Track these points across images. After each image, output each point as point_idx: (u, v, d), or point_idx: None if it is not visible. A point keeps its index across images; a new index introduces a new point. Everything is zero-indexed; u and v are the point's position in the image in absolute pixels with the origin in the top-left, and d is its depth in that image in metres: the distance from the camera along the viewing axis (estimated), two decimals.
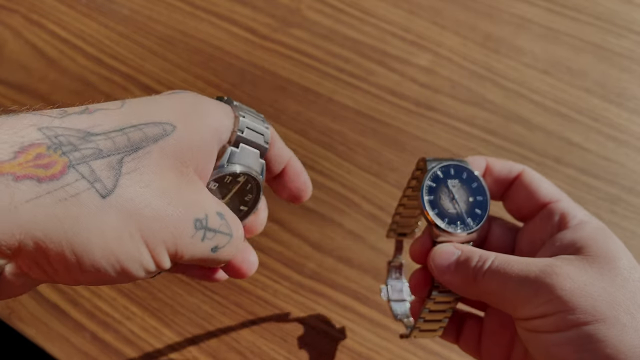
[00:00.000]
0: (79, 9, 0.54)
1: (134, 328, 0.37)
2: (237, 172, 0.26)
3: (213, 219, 0.24)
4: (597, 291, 0.24)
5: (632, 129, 0.48)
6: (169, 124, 0.23)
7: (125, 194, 0.21)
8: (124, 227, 0.20)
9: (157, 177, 0.22)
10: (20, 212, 0.19)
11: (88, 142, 0.21)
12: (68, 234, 0.19)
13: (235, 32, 0.52)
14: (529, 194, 0.29)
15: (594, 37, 0.53)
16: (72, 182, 0.20)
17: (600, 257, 0.25)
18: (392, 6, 0.55)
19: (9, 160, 0.19)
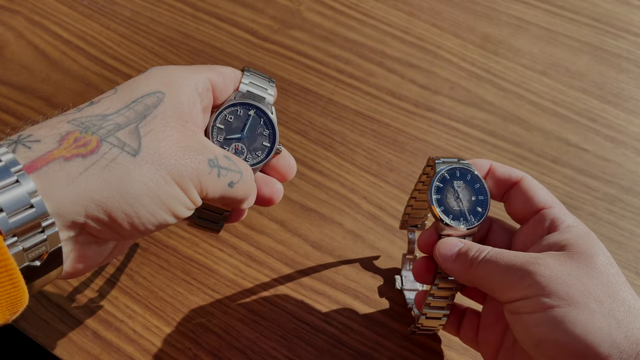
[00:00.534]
0: (80, 10, 0.54)
1: (136, 327, 0.38)
2: (241, 101, 0.32)
3: (222, 160, 0.29)
4: (572, 280, 0.27)
5: (630, 129, 0.48)
6: (159, 92, 0.28)
7: (149, 149, 0.26)
8: (158, 175, 0.26)
9: (167, 133, 0.27)
10: (78, 183, 0.24)
11: (107, 121, 0.26)
12: (119, 190, 0.24)
13: (236, 34, 0.53)
14: (526, 199, 0.32)
15: (592, 39, 0.53)
16: (107, 151, 0.25)
17: (580, 253, 0.28)
18: (391, 8, 0.55)
19: (56, 148, 0.24)
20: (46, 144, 0.24)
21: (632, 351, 0.26)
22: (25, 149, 0.24)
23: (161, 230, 0.37)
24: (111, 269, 0.40)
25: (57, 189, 0.23)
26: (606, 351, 0.26)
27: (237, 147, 0.32)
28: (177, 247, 0.41)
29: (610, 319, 0.26)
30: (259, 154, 0.32)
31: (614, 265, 0.29)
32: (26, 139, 0.24)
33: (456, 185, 0.33)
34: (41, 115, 0.47)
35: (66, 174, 0.23)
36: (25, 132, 0.25)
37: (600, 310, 0.26)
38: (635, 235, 0.43)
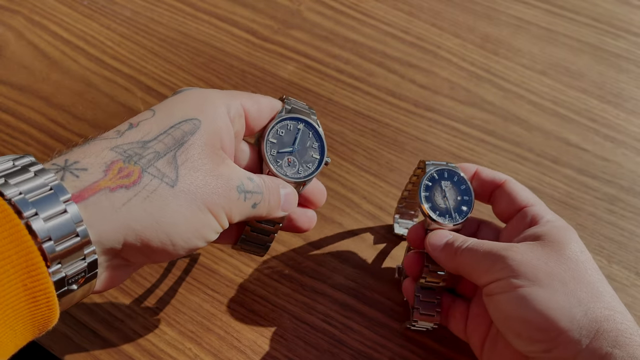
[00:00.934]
0: (80, 10, 0.54)
1: (136, 327, 0.38)
2: (290, 116, 0.33)
3: (247, 183, 0.30)
4: (540, 264, 0.30)
5: (630, 129, 0.48)
6: (196, 119, 0.29)
7: (186, 179, 0.27)
8: (193, 204, 0.27)
9: (202, 162, 0.28)
10: (121, 214, 0.25)
11: (147, 149, 0.27)
12: (158, 221, 0.26)
13: (236, 34, 0.53)
14: (509, 199, 0.35)
15: (592, 38, 0.53)
16: (148, 182, 0.26)
17: (552, 242, 0.31)
18: (391, 8, 0.55)
19: (102, 178, 0.25)
20: (92, 174, 0.25)
21: (591, 328, 0.28)
22: (73, 178, 0.25)
23: None
24: None
25: (101, 219, 0.25)
26: (565, 326, 0.28)
27: (289, 160, 0.33)
28: None
29: (572, 298, 0.29)
30: (309, 166, 0.34)
31: (585, 253, 0.31)
32: (73, 167, 0.25)
33: (444, 185, 0.36)
34: (40, 115, 0.47)
35: (111, 205, 0.25)
36: (72, 158, 0.25)
37: (563, 290, 0.29)
38: (636, 235, 0.43)
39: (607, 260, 0.41)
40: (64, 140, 0.46)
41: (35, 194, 0.23)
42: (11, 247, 0.21)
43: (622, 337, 0.28)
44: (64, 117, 0.47)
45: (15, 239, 0.22)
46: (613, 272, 0.41)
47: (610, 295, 0.30)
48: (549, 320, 0.29)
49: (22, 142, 0.46)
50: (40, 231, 0.22)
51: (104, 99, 0.48)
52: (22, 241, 0.22)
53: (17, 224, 0.22)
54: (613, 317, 0.28)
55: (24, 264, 0.22)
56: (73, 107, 0.48)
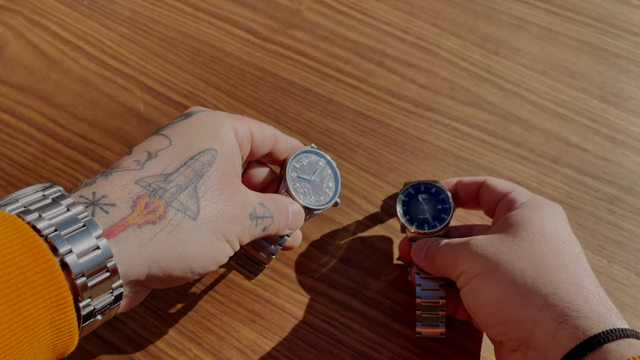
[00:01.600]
0: (80, 10, 0.54)
1: (136, 327, 0.38)
2: (316, 151, 0.37)
3: (258, 209, 0.32)
4: (490, 252, 0.32)
5: (630, 129, 0.48)
6: (212, 149, 0.30)
7: (207, 212, 0.29)
8: (213, 235, 0.29)
9: (220, 192, 0.30)
10: (147, 249, 0.26)
11: (170, 182, 0.28)
12: (181, 253, 0.28)
13: (236, 34, 0.53)
14: (490, 193, 0.37)
15: (592, 38, 0.53)
16: (173, 216, 0.28)
17: (512, 225, 0.33)
18: (391, 7, 0.55)
19: (130, 215, 0.26)
20: (121, 209, 0.26)
21: (537, 304, 0.29)
22: (103, 213, 0.26)
23: None
24: None
25: (130, 254, 0.26)
26: (511, 311, 0.30)
27: (305, 186, 0.36)
28: None
29: (518, 277, 0.30)
30: (321, 199, 0.37)
31: (551, 226, 0.32)
32: (102, 201, 0.26)
33: (421, 197, 0.39)
34: (40, 115, 0.47)
35: (138, 241, 0.26)
36: (99, 192, 0.27)
37: (511, 271, 0.31)
38: (636, 235, 0.43)
39: (607, 260, 0.41)
40: (64, 140, 0.46)
41: (69, 230, 0.24)
42: (43, 282, 0.22)
43: (568, 310, 0.28)
44: (64, 117, 0.47)
45: (48, 274, 0.23)
46: (613, 272, 0.41)
47: (562, 268, 0.30)
48: (496, 306, 0.31)
49: (22, 142, 0.46)
50: (74, 267, 0.24)
51: (103, 99, 0.48)
52: (54, 276, 0.23)
53: (50, 259, 0.23)
54: (557, 293, 0.29)
55: (54, 299, 0.23)
56: (73, 107, 0.48)
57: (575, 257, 0.31)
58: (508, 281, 0.30)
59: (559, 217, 0.34)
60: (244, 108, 0.48)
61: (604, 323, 0.27)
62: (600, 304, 0.29)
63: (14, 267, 0.22)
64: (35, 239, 0.23)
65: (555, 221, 0.33)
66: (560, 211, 0.35)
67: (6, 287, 0.21)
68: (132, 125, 0.47)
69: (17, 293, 0.22)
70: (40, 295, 0.22)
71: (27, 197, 0.25)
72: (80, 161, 0.45)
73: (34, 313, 0.22)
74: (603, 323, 0.27)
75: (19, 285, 0.22)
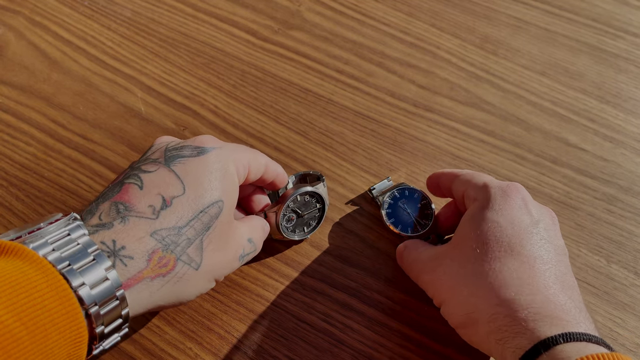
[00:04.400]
0: (81, 10, 0.54)
1: (137, 326, 0.38)
2: (313, 191, 0.39)
3: (247, 247, 0.36)
4: (443, 282, 0.34)
5: (629, 129, 0.48)
6: (220, 201, 0.32)
7: (208, 262, 0.32)
8: (208, 282, 0.33)
9: (221, 241, 0.33)
10: (154, 297, 0.30)
11: (181, 236, 0.31)
12: (179, 297, 0.32)
13: (237, 34, 0.53)
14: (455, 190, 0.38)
15: (591, 39, 0.54)
16: (180, 269, 0.31)
17: (457, 244, 0.35)
18: (391, 8, 0.55)
19: (145, 268, 0.29)
20: (137, 262, 0.29)
21: (488, 316, 0.31)
22: (122, 266, 0.28)
23: None
24: None
25: (139, 303, 0.29)
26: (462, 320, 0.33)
27: (292, 218, 0.39)
28: None
29: (470, 298, 0.32)
30: (304, 229, 0.41)
31: (492, 228, 0.33)
32: (121, 253, 0.29)
33: (400, 202, 0.41)
34: (41, 115, 0.47)
35: (149, 292, 0.29)
36: (119, 241, 0.29)
37: (454, 302, 0.34)
38: (634, 235, 0.43)
39: (606, 260, 0.42)
40: (65, 140, 0.46)
41: (97, 290, 0.27)
42: (67, 323, 0.25)
43: (504, 332, 0.30)
44: (65, 117, 0.47)
45: (71, 316, 0.25)
46: (612, 272, 0.41)
47: (502, 285, 0.31)
48: (456, 324, 0.34)
49: (23, 142, 0.46)
50: (96, 317, 0.27)
51: (104, 99, 0.48)
52: (76, 318, 0.26)
53: (73, 302, 0.26)
54: (495, 317, 0.30)
55: (74, 338, 0.26)
56: (74, 107, 0.48)
57: (529, 264, 0.32)
58: (456, 305, 0.33)
59: (497, 217, 0.33)
60: (244, 108, 0.48)
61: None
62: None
63: (44, 309, 0.24)
64: (61, 282, 0.26)
65: (494, 227, 0.33)
66: (497, 204, 0.34)
67: (36, 327, 0.24)
68: (132, 125, 0.47)
69: (44, 334, 0.24)
70: (63, 335, 0.25)
71: (53, 235, 0.28)
72: (81, 161, 0.45)
73: (56, 350, 0.25)
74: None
75: (46, 327, 0.24)
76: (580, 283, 0.40)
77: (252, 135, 0.47)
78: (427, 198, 0.42)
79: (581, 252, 0.42)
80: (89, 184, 0.44)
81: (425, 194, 0.42)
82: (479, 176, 0.37)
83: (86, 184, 0.44)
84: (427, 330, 0.38)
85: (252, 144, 0.46)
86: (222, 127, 0.47)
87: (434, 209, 0.41)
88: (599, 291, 0.40)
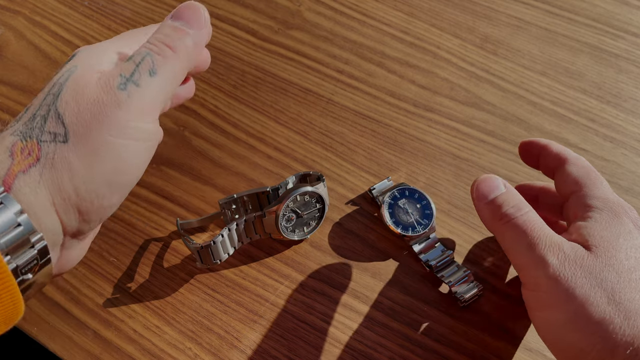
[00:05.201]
0: (81, 10, 0.54)
1: (136, 326, 0.38)
2: (314, 191, 0.39)
3: (125, 70, 0.28)
4: (578, 291, 0.28)
5: (629, 129, 0.48)
6: (73, 66, 0.28)
7: (73, 129, 0.26)
8: (91, 147, 0.26)
9: (81, 95, 0.27)
10: (40, 191, 0.25)
11: (35, 119, 0.27)
12: (71, 177, 0.26)
13: (237, 34, 0.53)
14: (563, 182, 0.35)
15: (591, 39, 0.53)
16: (48, 150, 0.26)
17: (591, 254, 0.29)
18: (391, 8, 0.55)
19: (12, 163, 0.26)
20: (2, 162, 0.25)
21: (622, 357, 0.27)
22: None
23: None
24: (111, 269, 0.40)
25: (30, 203, 0.25)
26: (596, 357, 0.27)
27: (292, 218, 0.39)
28: (177, 247, 0.41)
29: (606, 328, 0.27)
30: (304, 229, 0.40)
31: (629, 269, 0.28)
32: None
33: (401, 203, 0.41)
34: None
35: (29, 187, 0.25)
36: None
37: (597, 321, 0.27)
38: None
39: None
40: None
41: None
42: None
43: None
44: None
45: None
46: None
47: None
48: (576, 354, 0.28)
49: None
50: None
51: None
52: None
53: None
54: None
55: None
56: None
57: None
58: (594, 333, 0.27)
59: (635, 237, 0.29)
60: (244, 108, 0.48)
61: None
62: None
63: None
64: None
65: (633, 247, 0.29)
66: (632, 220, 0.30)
67: None
68: None
69: None
70: None
71: None
72: None
73: None
74: None
75: None
76: None
77: (252, 135, 0.47)
78: (427, 198, 0.41)
79: None
80: None
81: (424, 194, 0.42)
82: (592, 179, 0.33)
83: None
84: (427, 330, 0.38)
85: (252, 144, 0.46)
86: (222, 127, 0.47)
87: (434, 209, 0.41)
88: None
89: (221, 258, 0.38)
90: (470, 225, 0.43)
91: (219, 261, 0.37)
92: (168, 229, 0.42)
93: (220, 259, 0.37)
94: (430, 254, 0.40)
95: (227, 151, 0.46)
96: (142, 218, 0.42)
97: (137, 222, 0.42)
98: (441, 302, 0.39)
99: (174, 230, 0.42)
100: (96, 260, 0.40)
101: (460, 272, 0.39)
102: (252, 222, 0.38)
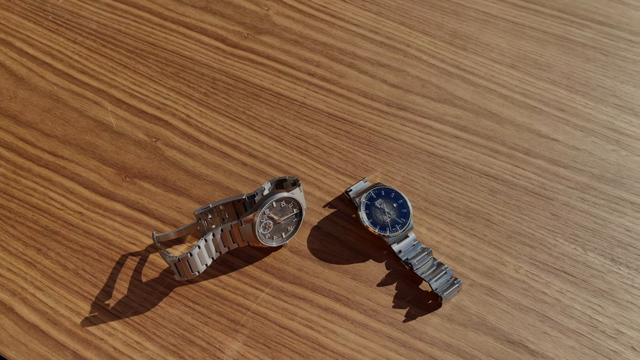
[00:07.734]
0: (45, 24, 0.53)
1: (116, 344, 0.37)
2: (290, 196, 0.39)
3: None
4: None
5: (599, 117, 0.49)
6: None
7: None
8: None
9: None
10: None
11: None
12: None
13: (206, 42, 0.53)
14: None
15: (558, 29, 0.54)
16: None
17: None
18: (359, 8, 0.55)
19: None
20: None
21: None
22: None
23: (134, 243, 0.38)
24: (88, 287, 0.39)
25: None
26: None
27: (269, 225, 0.39)
28: (155, 260, 0.41)
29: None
30: (282, 235, 0.40)
31: None
32: None
33: (378, 203, 0.41)
34: (9, 134, 0.46)
35: None
36: None
37: None
38: (609, 222, 0.43)
39: (582, 248, 0.42)
40: (34, 158, 0.45)
41: None
42: None
43: None
44: (33, 134, 0.46)
45: None
46: (589, 260, 0.42)
47: None
48: None
49: None
50: None
51: (73, 114, 0.48)
52: None
53: None
54: None
55: None
56: (42, 124, 0.47)
57: None
58: None
59: None
60: (217, 116, 0.48)
61: None
62: None
63: None
64: None
65: None
66: None
67: None
68: (103, 139, 0.46)
69: None
70: None
71: None
72: (52, 179, 0.44)
73: None
74: None
75: None
76: (557, 273, 0.41)
77: (226, 143, 0.46)
78: (403, 197, 0.42)
79: (557, 242, 0.42)
80: (61, 201, 0.43)
81: (400, 194, 0.42)
82: None
83: (58, 201, 0.43)
84: (409, 328, 0.38)
85: (226, 151, 0.46)
86: (195, 137, 0.47)
87: (410, 207, 0.41)
88: (577, 279, 0.41)
89: (199, 270, 0.37)
90: (448, 221, 0.43)
91: (197, 273, 0.37)
92: (144, 242, 0.41)
93: (198, 271, 0.37)
94: (409, 252, 0.40)
95: (201, 160, 0.45)
96: (117, 233, 0.42)
97: (113, 237, 0.42)
98: (422, 299, 0.40)
99: (150, 243, 0.41)
100: (72, 279, 0.40)
101: (439, 269, 0.39)
102: (229, 231, 0.38)
